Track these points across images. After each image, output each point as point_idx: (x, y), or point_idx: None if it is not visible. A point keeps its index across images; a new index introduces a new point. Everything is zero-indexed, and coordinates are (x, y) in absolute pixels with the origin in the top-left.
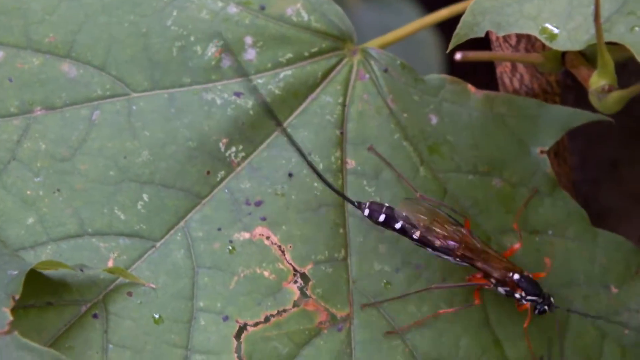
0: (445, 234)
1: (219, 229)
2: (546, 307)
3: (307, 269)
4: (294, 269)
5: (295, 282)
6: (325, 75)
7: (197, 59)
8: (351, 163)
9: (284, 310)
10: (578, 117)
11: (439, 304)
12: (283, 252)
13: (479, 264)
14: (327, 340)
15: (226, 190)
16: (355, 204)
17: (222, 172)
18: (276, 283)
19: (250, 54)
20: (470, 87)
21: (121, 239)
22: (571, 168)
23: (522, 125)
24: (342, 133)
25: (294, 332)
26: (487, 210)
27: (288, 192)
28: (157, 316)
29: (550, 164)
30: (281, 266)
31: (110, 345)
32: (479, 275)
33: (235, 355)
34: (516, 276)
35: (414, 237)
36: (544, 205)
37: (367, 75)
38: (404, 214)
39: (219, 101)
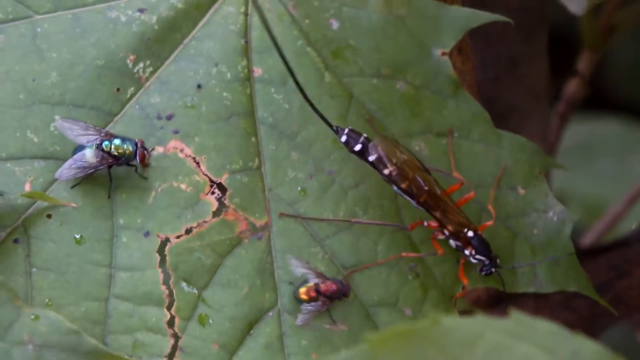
0: (413, 177)
1: None
2: (492, 270)
3: (224, 179)
4: (210, 180)
5: (213, 193)
6: None
7: None
8: (258, 71)
9: (204, 222)
10: (477, 17)
11: (355, 209)
12: (198, 163)
13: (437, 214)
14: (249, 249)
15: (137, 106)
16: (334, 128)
17: (132, 89)
18: (194, 195)
19: None
20: None
21: (36, 161)
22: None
23: (422, 26)
24: (246, 42)
25: (216, 243)
26: (393, 114)
27: (198, 104)
28: (78, 236)
29: (454, 62)
30: (197, 178)
31: (34, 269)
32: (434, 224)
33: (160, 269)
34: (470, 233)
35: (384, 173)
36: (448, 108)
37: None
38: (379, 148)
39: (123, 18)
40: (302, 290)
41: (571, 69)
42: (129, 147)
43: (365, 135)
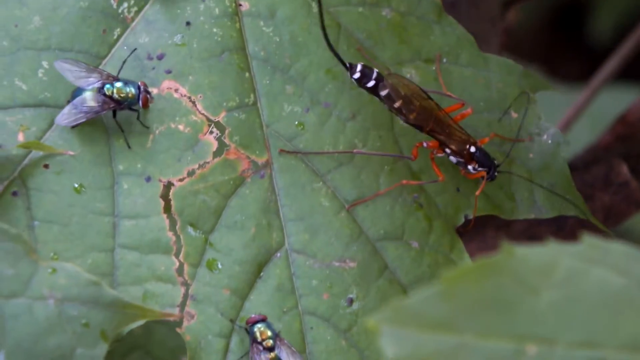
0: (421, 109)
1: None
2: (496, 174)
3: (221, 118)
4: (208, 119)
5: (212, 132)
6: None
7: None
8: (245, 5)
9: (206, 163)
10: None
11: (354, 141)
12: (194, 102)
13: (442, 137)
14: (252, 188)
15: (125, 47)
16: (347, 65)
17: (118, 30)
18: (192, 136)
19: None
20: None
21: (27, 110)
22: None
23: None
24: None
25: (220, 184)
26: (381, 42)
27: (189, 41)
28: (77, 185)
29: None
30: (195, 118)
31: (36, 222)
32: (433, 144)
33: (165, 215)
34: (473, 149)
35: (395, 106)
36: (434, 33)
37: None
38: (390, 83)
39: None
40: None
41: None
42: (131, 90)
43: (377, 70)
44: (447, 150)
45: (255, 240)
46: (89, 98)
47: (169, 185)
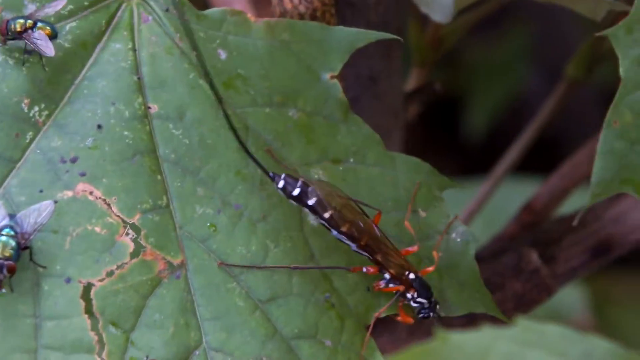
0: (353, 220)
1: (41, 191)
2: (430, 314)
3: (136, 219)
4: (123, 221)
5: (127, 234)
6: (109, 22)
7: None
8: (154, 107)
9: (124, 264)
10: (363, 36)
11: (265, 241)
12: (109, 205)
13: (378, 257)
14: (169, 289)
15: (38, 151)
16: (270, 174)
17: (30, 133)
18: (109, 237)
19: (30, 9)
20: (250, 16)
21: None
22: None
23: (309, 50)
24: (139, 78)
25: (138, 284)
26: (289, 143)
27: (101, 144)
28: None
29: None
30: (110, 220)
31: None
32: (372, 269)
33: (86, 316)
34: (412, 276)
35: (324, 216)
36: (340, 132)
37: (150, 17)
38: (317, 193)
39: (11, 61)
40: None
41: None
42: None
43: (302, 179)
44: (386, 276)
45: (174, 339)
46: None
47: (89, 286)
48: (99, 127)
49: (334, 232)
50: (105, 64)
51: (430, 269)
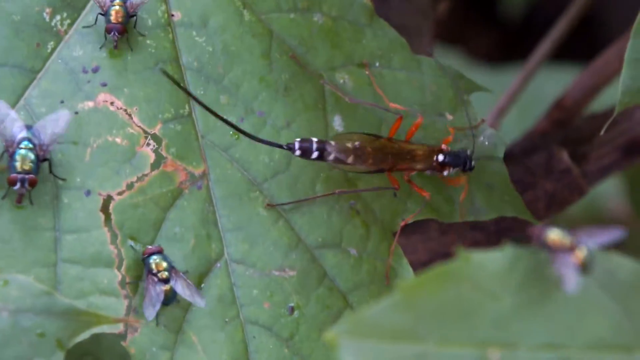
0: (374, 152)
1: (62, 102)
2: (473, 164)
3: (157, 129)
4: (144, 131)
5: (148, 144)
6: None
7: None
8: (177, 15)
9: (144, 175)
10: None
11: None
12: (130, 115)
13: (407, 165)
14: (190, 200)
15: (60, 61)
16: (285, 147)
17: (52, 43)
18: (130, 148)
19: None
20: None
21: None
22: None
23: None
24: None
25: (158, 196)
26: (314, 48)
27: (123, 54)
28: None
29: None
30: (131, 130)
31: None
32: (405, 175)
33: (106, 229)
34: (440, 157)
35: (348, 163)
36: (366, 37)
37: None
38: (333, 144)
39: None
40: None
41: None
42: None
43: (315, 139)
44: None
45: (195, 252)
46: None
47: (108, 199)
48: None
49: (362, 172)
50: None
51: (450, 138)
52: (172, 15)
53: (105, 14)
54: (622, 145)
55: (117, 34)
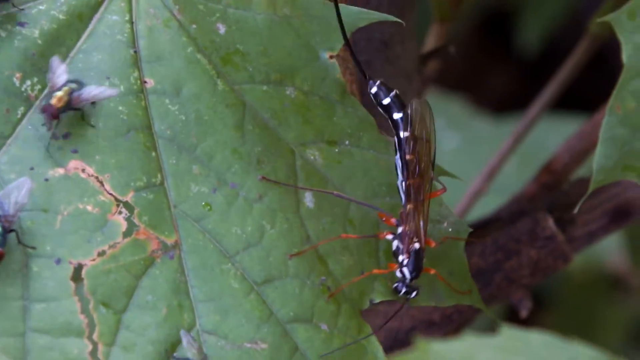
0: (420, 157)
1: (32, 169)
2: (403, 290)
3: (129, 198)
4: (116, 199)
5: (120, 212)
6: None
7: None
8: (150, 82)
9: (116, 243)
10: (365, 16)
11: (261, 222)
12: (101, 183)
13: (409, 206)
14: (162, 269)
15: (30, 127)
16: (367, 76)
17: (22, 108)
18: (101, 216)
19: None
20: None
21: None
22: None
23: (309, 27)
24: (135, 52)
25: (130, 264)
26: (286, 122)
27: (94, 120)
28: None
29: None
30: (102, 198)
31: None
32: (391, 219)
33: (76, 298)
34: (416, 245)
35: (401, 135)
36: (336, 114)
37: None
38: (408, 111)
39: (2, 33)
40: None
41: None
42: None
43: (396, 91)
44: (399, 230)
45: (167, 321)
46: None
47: (79, 267)
48: (93, 103)
49: (397, 157)
50: (101, 37)
51: (434, 243)
52: (145, 82)
53: (50, 94)
54: (610, 211)
55: (50, 116)
